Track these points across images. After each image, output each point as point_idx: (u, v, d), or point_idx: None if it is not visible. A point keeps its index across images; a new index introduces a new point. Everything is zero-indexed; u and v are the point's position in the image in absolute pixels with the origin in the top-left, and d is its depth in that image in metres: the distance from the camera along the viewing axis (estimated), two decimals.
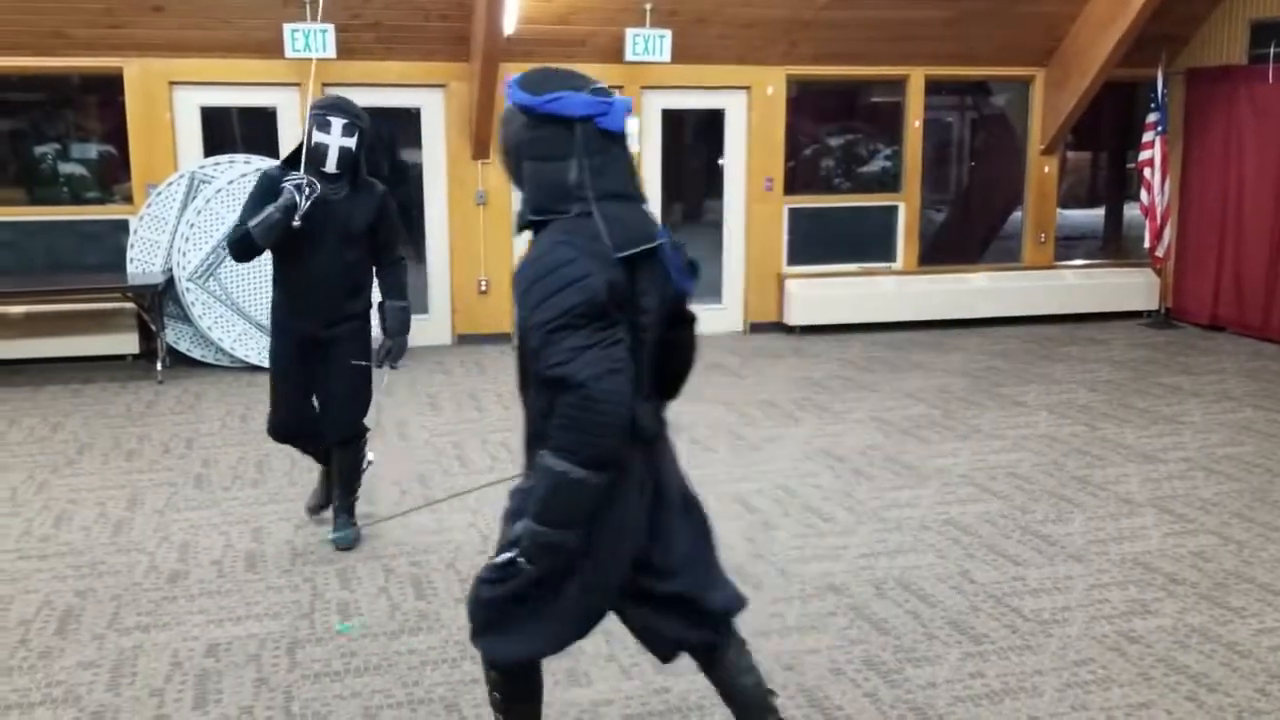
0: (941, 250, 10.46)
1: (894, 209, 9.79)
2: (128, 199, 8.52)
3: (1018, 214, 10.39)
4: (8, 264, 8.35)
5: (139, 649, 3.74)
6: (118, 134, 8.55)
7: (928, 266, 9.91)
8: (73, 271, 8.35)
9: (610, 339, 2.34)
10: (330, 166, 4.31)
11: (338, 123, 4.30)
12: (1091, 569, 4.44)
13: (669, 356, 2.69)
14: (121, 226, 8.37)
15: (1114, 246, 11.22)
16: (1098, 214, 11.82)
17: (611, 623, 3.88)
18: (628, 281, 2.42)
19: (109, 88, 8.44)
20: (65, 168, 9.02)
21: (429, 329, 9.02)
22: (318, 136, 4.29)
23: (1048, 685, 3.51)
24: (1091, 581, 4.32)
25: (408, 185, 8.97)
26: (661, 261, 2.53)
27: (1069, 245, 10.69)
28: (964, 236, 11.00)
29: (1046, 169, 10.06)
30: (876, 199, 9.88)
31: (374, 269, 4.63)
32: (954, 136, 11.03)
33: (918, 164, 9.76)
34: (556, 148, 2.44)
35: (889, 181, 10.00)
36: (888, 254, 9.82)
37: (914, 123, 9.66)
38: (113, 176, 8.88)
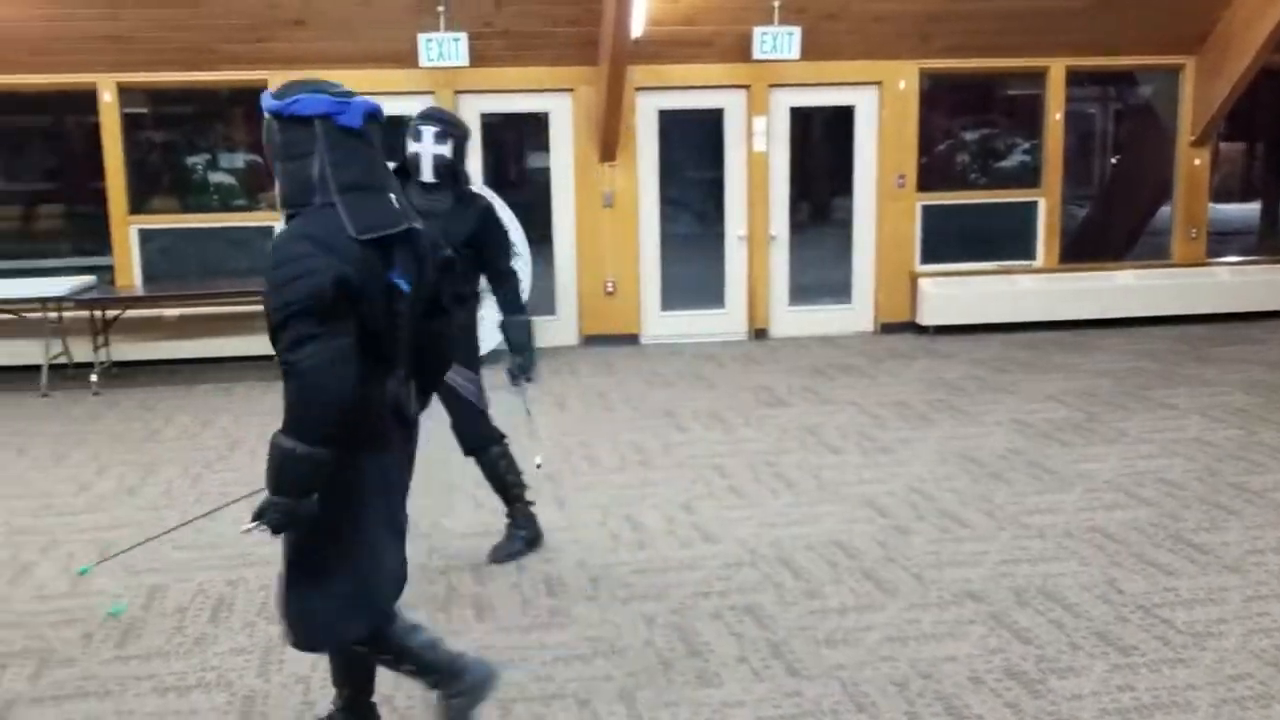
0: (1084, 247, 10.11)
1: (1033, 205, 9.49)
2: (272, 206, 8.85)
3: (1166, 209, 9.96)
4: (162, 269, 8.77)
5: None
6: (262, 145, 8.88)
7: (1069, 264, 9.58)
8: (222, 276, 8.72)
9: (335, 331, 2.54)
10: (426, 176, 4.28)
11: (429, 131, 4.27)
12: (1249, 580, 4.23)
13: (422, 344, 2.91)
14: (266, 233, 8.69)
15: (1270, 242, 10.66)
16: (1253, 208, 11.25)
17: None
18: (375, 268, 2.63)
19: (254, 100, 8.74)
20: (214, 177, 9.44)
21: (556, 330, 9.13)
22: (412, 147, 4.28)
23: (1201, 701, 3.35)
24: (1249, 593, 4.11)
25: (533, 189, 9.10)
26: (415, 248, 2.75)
27: (1222, 241, 10.21)
28: (1108, 233, 10.60)
29: (1197, 161, 9.62)
30: (1015, 195, 9.60)
31: (487, 283, 4.55)
32: (1097, 128, 10.66)
33: (1059, 158, 9.44)
34: (301, 146, 2.68)
35: (1028, 176, 9.71)
36: (1027, 251, 9.53)
37: (1054, 115, 9.35)
38: (258, 185, 9.25)
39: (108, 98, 8.49)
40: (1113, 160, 10.79)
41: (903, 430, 6.41)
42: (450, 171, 4.32)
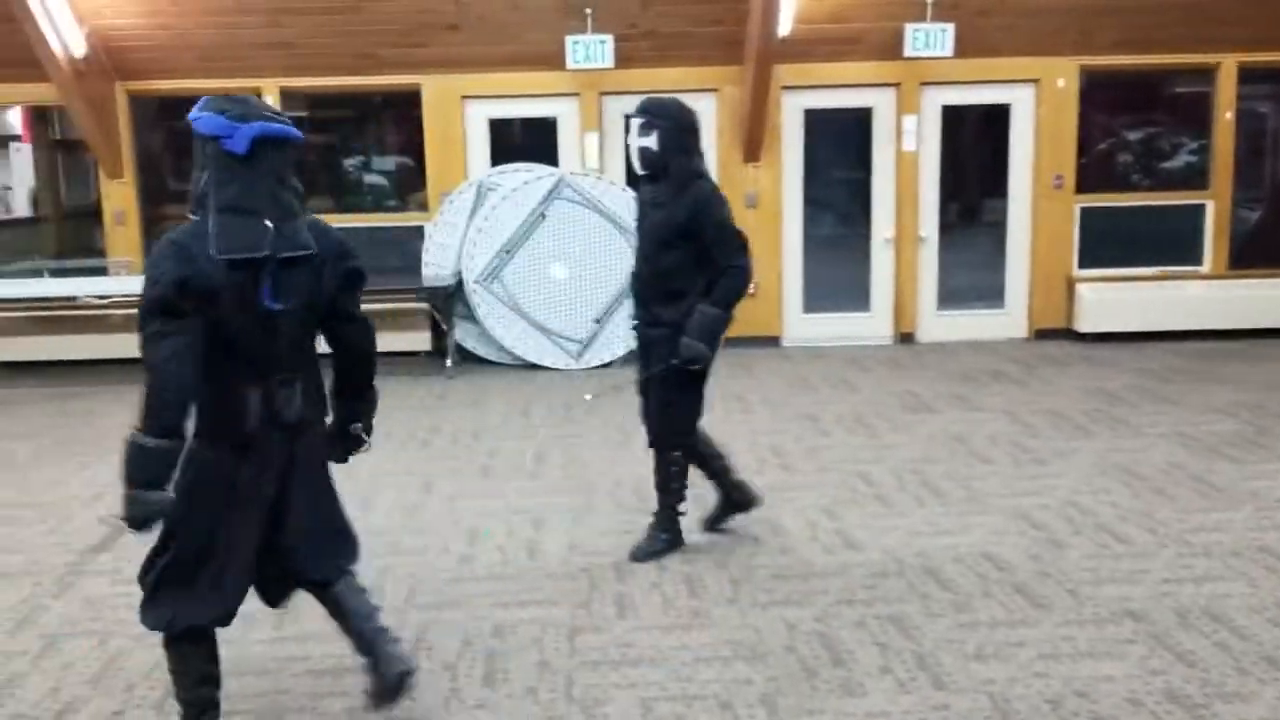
0: (1256, 252, 9.55)
1: (1200, 208, 9.04)
2: (422, 206, 9.08)
3: None
4: None
5: (433, 625, 3.95)
6: (414, 146, 9.14)
7: (1240, 270, 9.09)
8: (374, 274, 8.94)
9: (177, 330, 2.75)
10: (636, 168, 4.33)
11: (635, 124, 4.26)
12: None
13: (338, 348, 3.24)
14: (416, 232, 8.92)
15: None
16: None
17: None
18: (238, 284, 2.83)
19: (407, 103, 9.03)
20: (368, 178, 9.73)
21: None
22: (628, 140, 4.34)
23: None
24: None
25: None
26: (312, 267, 2.97)
27: None
28: None
29: None
30: (1180, 197, 9.15)
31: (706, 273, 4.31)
32: (1269, 127, 10.06)
33: (1229, 159, 8.97)
34: (199, 160, 2.92)
35: (1194, 178, 9.24)
36: (1193, 256, 9.07)
37: (1224, 114, 8.89)
38: (410, 186, 9.50)
39: (271, 101, 8.83)
40: None
41: (1058, 441, 6.17)
42: (659, 162, 4.23)
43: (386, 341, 8.58)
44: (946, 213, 9.17)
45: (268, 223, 2.89)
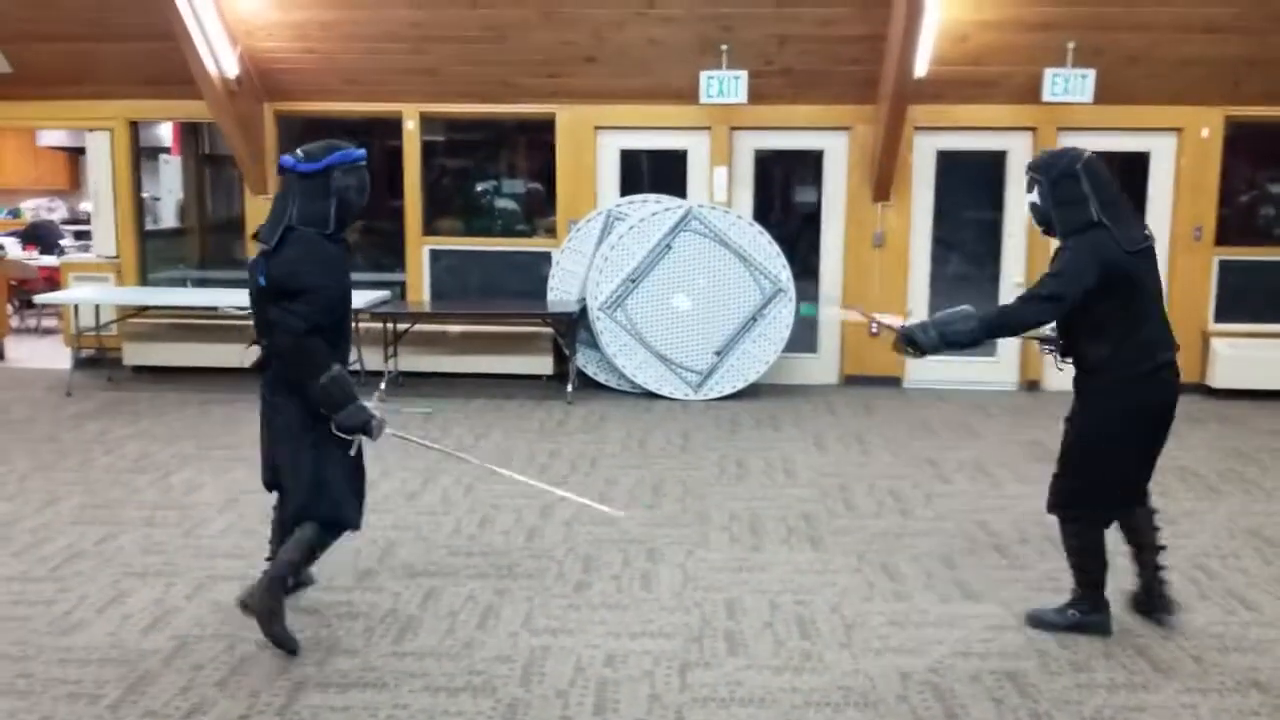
0: None
1: None
2: (550, 232, 9.27)
3: None
4: (448, 288, 9.36)
5: (547, 650, 4.04)
6: (545, 173, 9.35)
7: None
8: (501, 297, 9.21)
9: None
10: (1039, 226, 4.14)
11: (1026, 181, 4.16)
12: None
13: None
14: (544, 258, 9.11)
15: None
16: None
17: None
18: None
19: (540, 130, 9.25)
20: (499, 203, 9.98)
21: (816, 368, 9.11)
22: None
23: None
24: None
25: (801, 225, 9.13)
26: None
27: None
28: None
29: None
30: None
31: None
32: None
33: None
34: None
35: None
36: None
37: None
38: (539, 211, 9.72)
39: (410, 125, 9.16)
40: None
41: (1187, 500, 6.00)
42: (1044, 218, 4.07)
43: (510, 364, 8.92)
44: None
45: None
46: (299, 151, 4.00)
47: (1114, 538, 4.24)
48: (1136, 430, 4.03)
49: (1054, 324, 4.16)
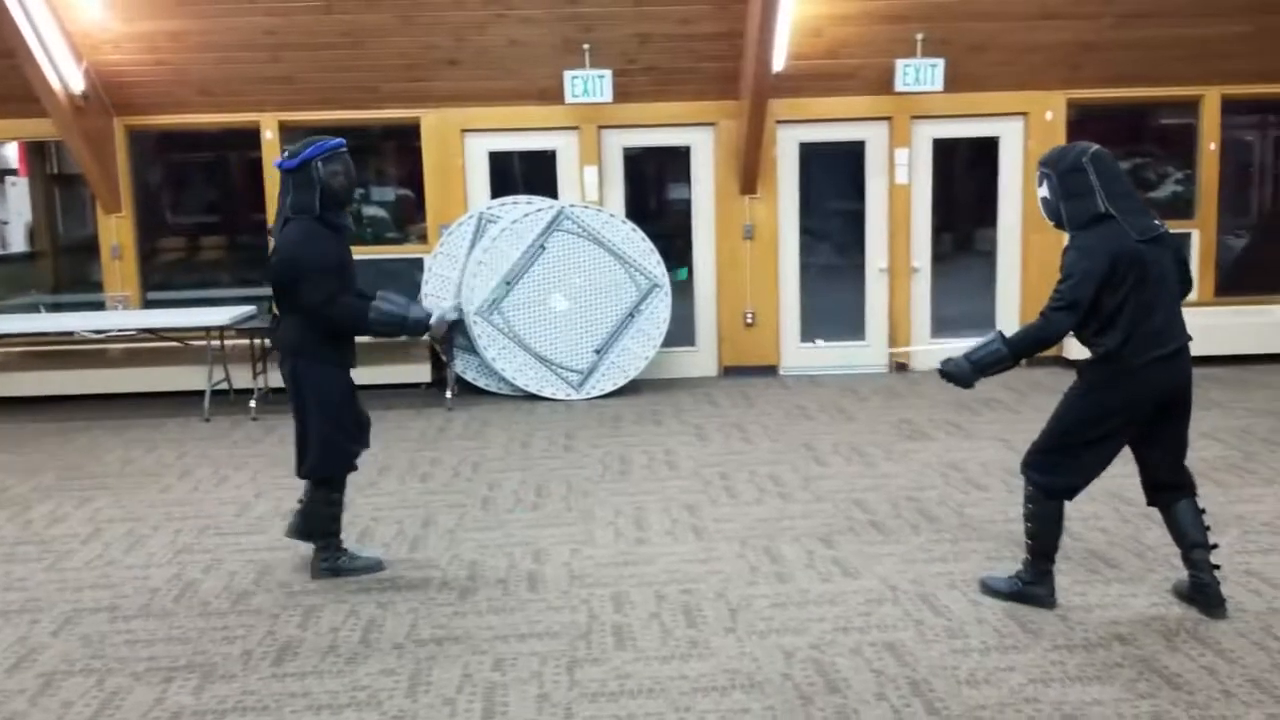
0: (1243, 279, 9.69)
1: (1187, 236, 9.17)
2: (422, 239, 9.18)
3: None
4: None
5: (433, 660, 4.01)
6: (413, 178, 9.26)
7: (1227, 297, 9.22)
8: None
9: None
10: (1049, 221, 4.19)
11: (1037, 175, 4.18)
12: None
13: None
14: (417, 264, 9.02)
15: None
16: None
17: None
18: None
19: (406, 135, 9.15)
20: (368, 210, 9.83)
21: (695, 361, 9.22)
22: None
23: None
24: None
25: (673, 221, 9.22)
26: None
27: None
28: (1268, 264, 10.14)
29: None
30: (1168, 226, 9.24)
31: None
32: (1255, 157, 10.21)
33: (1214, 188, 9.12)
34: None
35: (1181, 207, 9.38)
36: None
37: (1209, 145, 9.04)
38: (409, 218, 9.61)
39: (269, 135, 8.96)
40: (1273, 188, 10.32)
41: None
42: (1054, 213, 4.10)
43: (386, 374, 8.79)
44: (939, 243, 9.29)
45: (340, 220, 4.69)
46: (285, 151, 4.58)
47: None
48: (1125, 420, 4.07)
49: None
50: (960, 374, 4.19)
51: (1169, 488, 4.23)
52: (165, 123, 9.00)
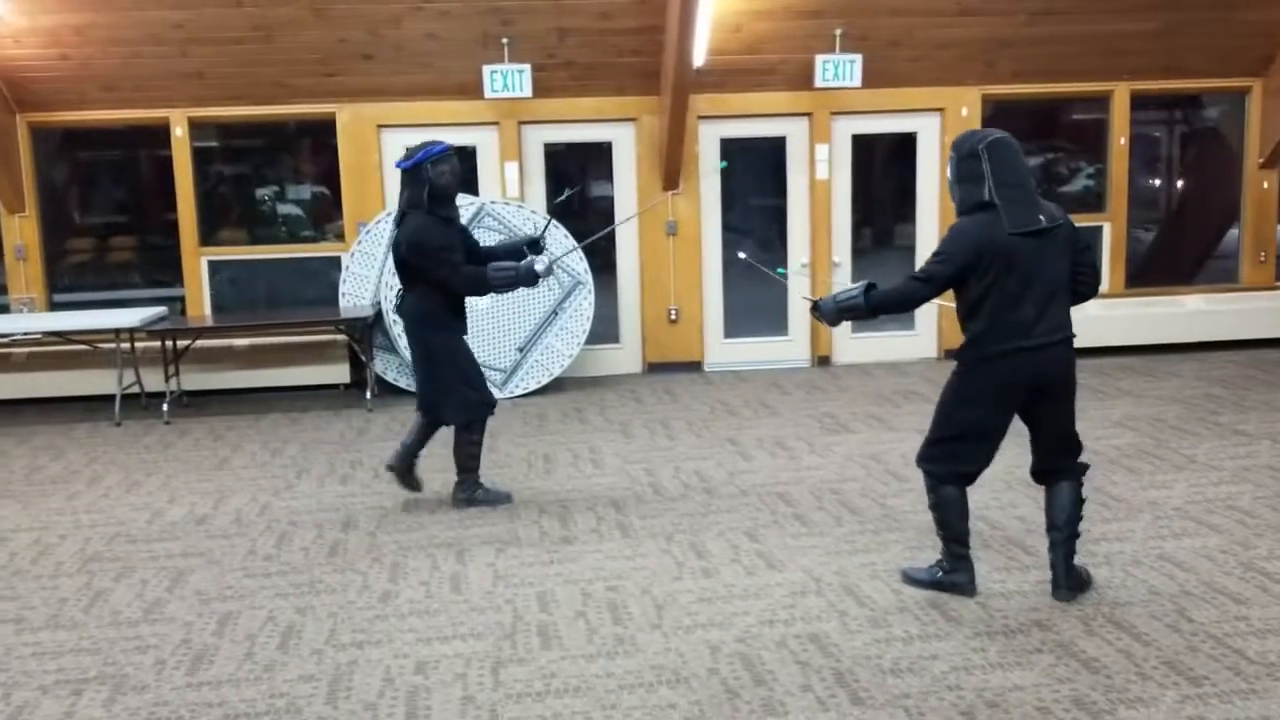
0: (1151, 271, 9.96)
1: (1098, 229, 9.39)
2: (340, 237, 9.03)
3: (1234, 232, 9.80)
4: (232, 300, 8.98)
5: (354, 665, 3.93)
6: (330, 176, 9.09)
7: (1136, 289, 9.45)
8: (290, 306, 8.91)
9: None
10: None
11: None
12: None
13: None
14: (334, 263, 8.87)
15: None
16: None
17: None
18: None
19: (322, 132, 8.99)
20: (283, 208, 9.64)
21: (620, 358, 9.19)
22: None
23: None
24: None
25: (596, 218, 9.18)
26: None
27: None
28: (1176, 257, 10.43)
29: (1266, 184, 9.46)
30: (1079, 219, 9.26)
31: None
32: (1163, 152, 10.50)
33: (1124, 182, 9.34)
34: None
35: (1092, 201, 9.60)
36: None
37: (1119, 140, 9.26)
38: (326, 216, 9.44)
39: (179, 132, 8.74)
40: (1180, 183, 10.62)
41: None
42: (953, 195, 4.26)
43: (303, 375, 8.64)
44: (859, 238, 9.39)
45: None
46: (403, 150, 5.46)
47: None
48: (997, 405, 4.16)
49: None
50: (825, 312, 4.45)
51: (1051, 471, 4.35)
52: (70, 119, 8.73)
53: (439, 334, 5.44)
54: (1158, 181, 10.53)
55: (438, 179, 5.31)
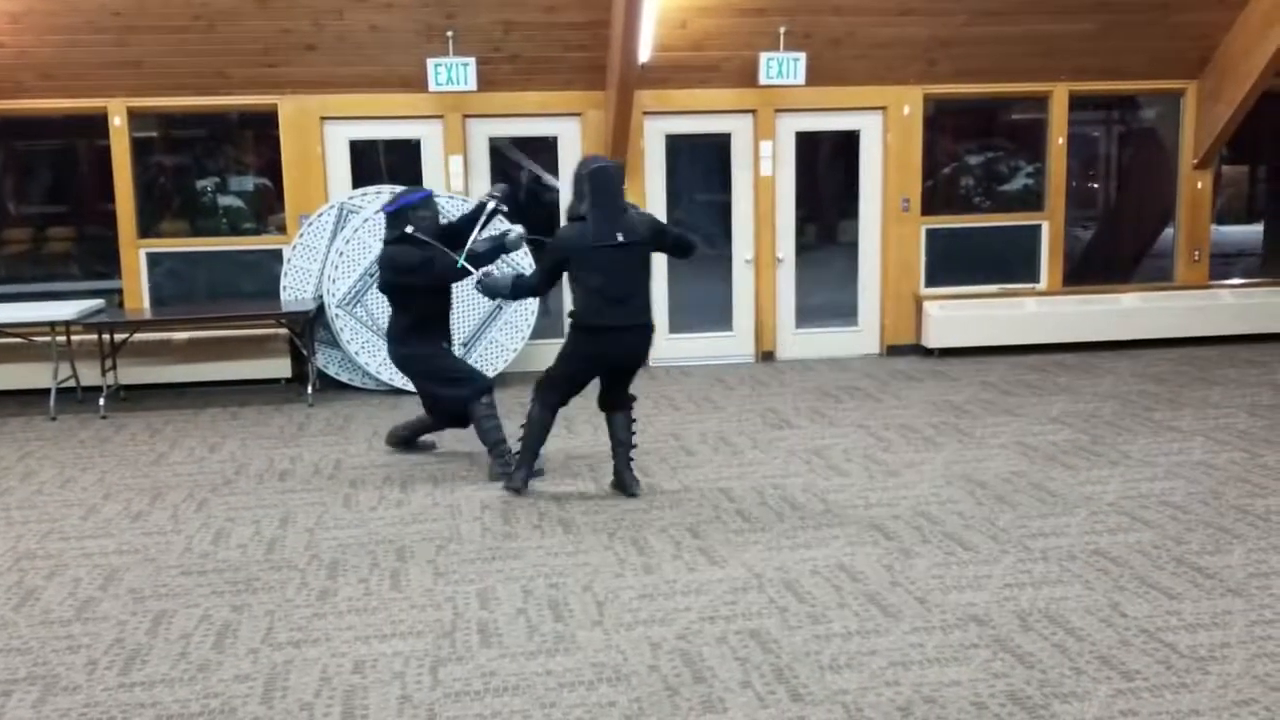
0: (1088, 270, 10.14)
1: (1037, 228, 9.53)
2: (281, 229, 8.91)
3: (1170, 231, 10.00)
4: (172, 293, 8.83)
5: (290, 664, 3.88)
6: (272, 167, 8.97)
7: (1074, 286, 9.61)
8: (231, 299, 8.78)
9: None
10: None
11: None
12: (1253, 604, 4.23)
13: None
14: (276, 256, 8.75)
15: (1273, 264, 10.67)
16: (1256, 230, 11.28)
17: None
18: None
19: (264, 124, 8.86)
20: (224, 200, 9.50)
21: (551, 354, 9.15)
22: None
23: None
24: (1253, 617, 4.11)
25: (541, 213, 9.15)
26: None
27: (1226, 263, 10.24)
28: (1112, 255, 10.63)
29: (1200, 184, 9.66)
30: (1019, 218, 9.64)
31: None
32: (1100, 152, 10.69)
33: (1062, 181, 9.49)
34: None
35: (1031, 200, 9.74)
36: (1031, 274, 9.56)
37: (1057, 140, 9.40)
38: (268, 208, 9.31)
39: (118, 122, 8.57)
40: (1117, 183, 10.82)
41: (908, 453, 6.42)
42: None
43: (243, 369, 8.53)
44: (803, 235, 9.45)
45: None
46: (391, 195, 6.41)
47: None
48: (583, 361, 5.60)
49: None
50: (486, 289, 5.71)
51: (613, 405, 5.72)
52: (6, 108, 8.51)
53: (423, 346, 6.04)
54: (1096, 181, 10.72)
55: (419, 224, 5.95)
